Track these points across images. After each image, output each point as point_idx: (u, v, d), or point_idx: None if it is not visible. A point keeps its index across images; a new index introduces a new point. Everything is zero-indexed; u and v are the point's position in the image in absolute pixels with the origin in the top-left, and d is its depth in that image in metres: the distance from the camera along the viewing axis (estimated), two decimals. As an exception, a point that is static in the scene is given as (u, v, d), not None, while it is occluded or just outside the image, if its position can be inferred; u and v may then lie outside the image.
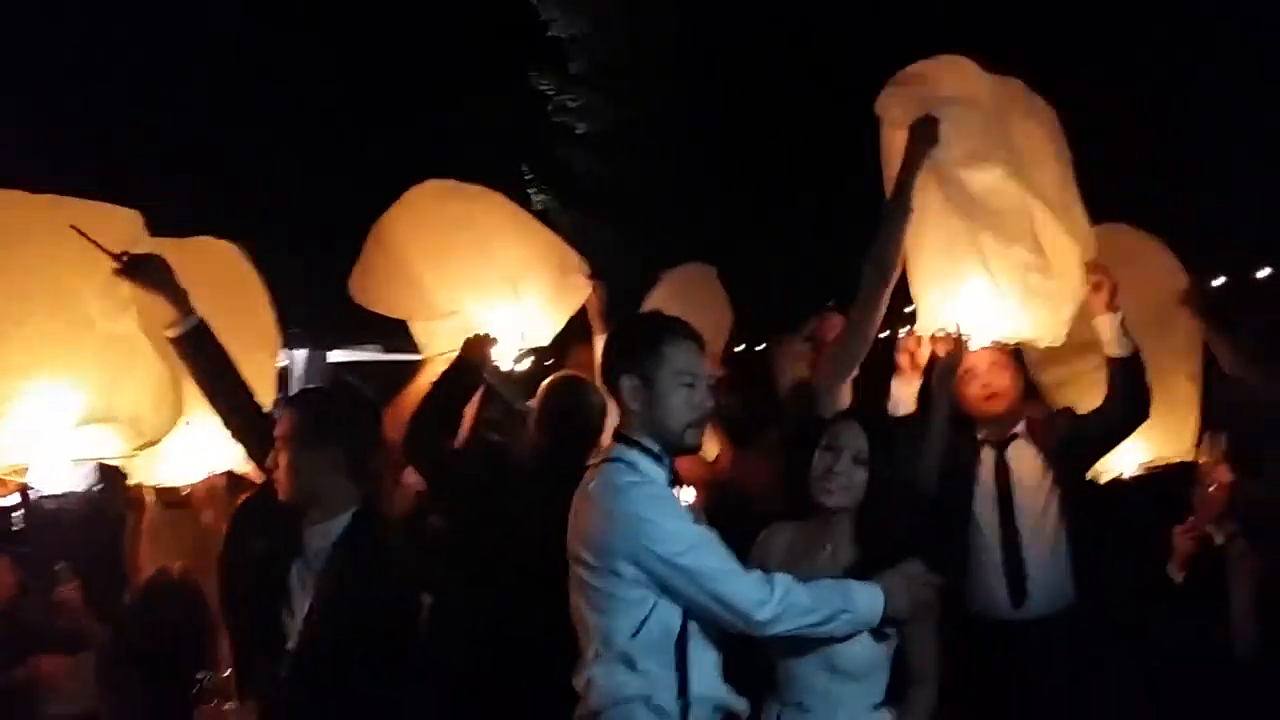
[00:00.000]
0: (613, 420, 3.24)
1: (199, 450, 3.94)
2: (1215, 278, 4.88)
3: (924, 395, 4.02)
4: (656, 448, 2.88)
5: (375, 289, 4.31)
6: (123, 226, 3.49)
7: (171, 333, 3.38)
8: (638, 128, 16.57)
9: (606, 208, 16.39)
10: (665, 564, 2.72)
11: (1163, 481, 4.63)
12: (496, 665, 3.53)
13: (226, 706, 3.61)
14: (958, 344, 3.86)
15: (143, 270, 3.36)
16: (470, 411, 4.20)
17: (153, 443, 3.52)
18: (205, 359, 3.39)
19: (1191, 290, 4.49)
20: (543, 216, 16.77)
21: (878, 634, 2.94)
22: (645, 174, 15.81)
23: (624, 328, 3.15)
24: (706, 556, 2.76)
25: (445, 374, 3.98)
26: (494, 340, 4.05)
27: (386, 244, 4.27)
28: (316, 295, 4.49)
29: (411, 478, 4.37)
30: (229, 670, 3.61)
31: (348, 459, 3.10)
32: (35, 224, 3.36)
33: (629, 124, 16.61)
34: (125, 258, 3.34)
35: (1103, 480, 4.53)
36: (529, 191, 17.11)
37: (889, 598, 2.87)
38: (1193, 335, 4.48)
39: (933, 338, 3.93)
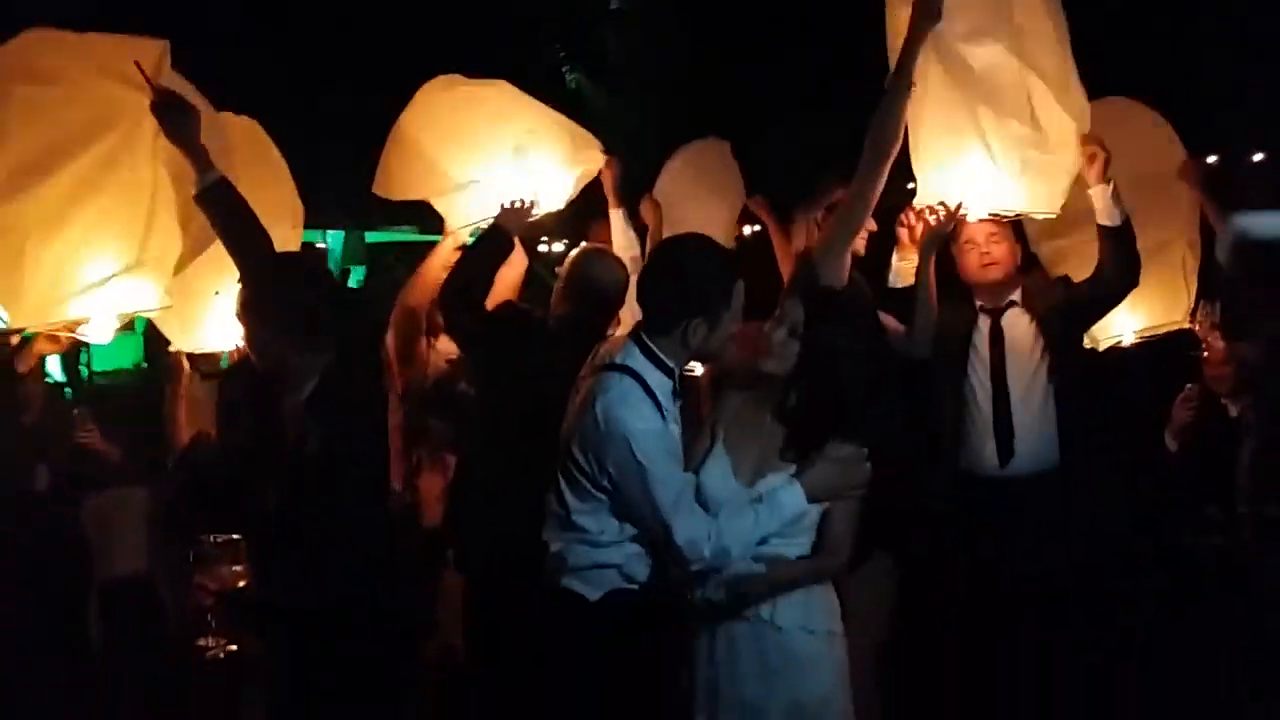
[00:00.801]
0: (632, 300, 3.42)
1: (232, 319, 4.15)
2: (1214, 153, 4.95)
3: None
4: (672, 362, 3.00)
5: (394, 178, 4.51)
6: (150, 57, 3.54)
7: (194, 188, 3.38)
8: (669, 6, 16.33)
9: (638, 85, 16.28)
10: (637, 490, 2.88)
11: (1163, 350, 4.81)
12: (513, 526, 3.58)
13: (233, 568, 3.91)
14: (949, 215, 4.02)
15: (173, 113, 3.38)
16: (511, 276, 4.44)
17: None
18: (228, 215, 3.35)
19: (1189, 163, 4.60)
20: (575, 95, 16.86)
21: None
22: (675, 50, 15.63)
23: (693, 269, 3.03)
24: (678, 500, 2.89)
25: (479, 239, 4.18)
26: (529, 208, 4.22)
27: (401, 137, 4.48)
28: (353, 178, 4.67)
29: (446, 346, 4.63)
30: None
31: (288, 330, 3.17)
32: (64, 67, 3.50)
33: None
34: (162, 92, 3.38)
35: (1101, 348, 4.72)
36: (562, 70, 17.03)
37: (813, 486, 2.96)
38: (1191, 207, 4.60)
39: (925, 209, 4.08)
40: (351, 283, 15.36)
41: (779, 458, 3.01)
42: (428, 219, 4.88)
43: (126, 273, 3.51)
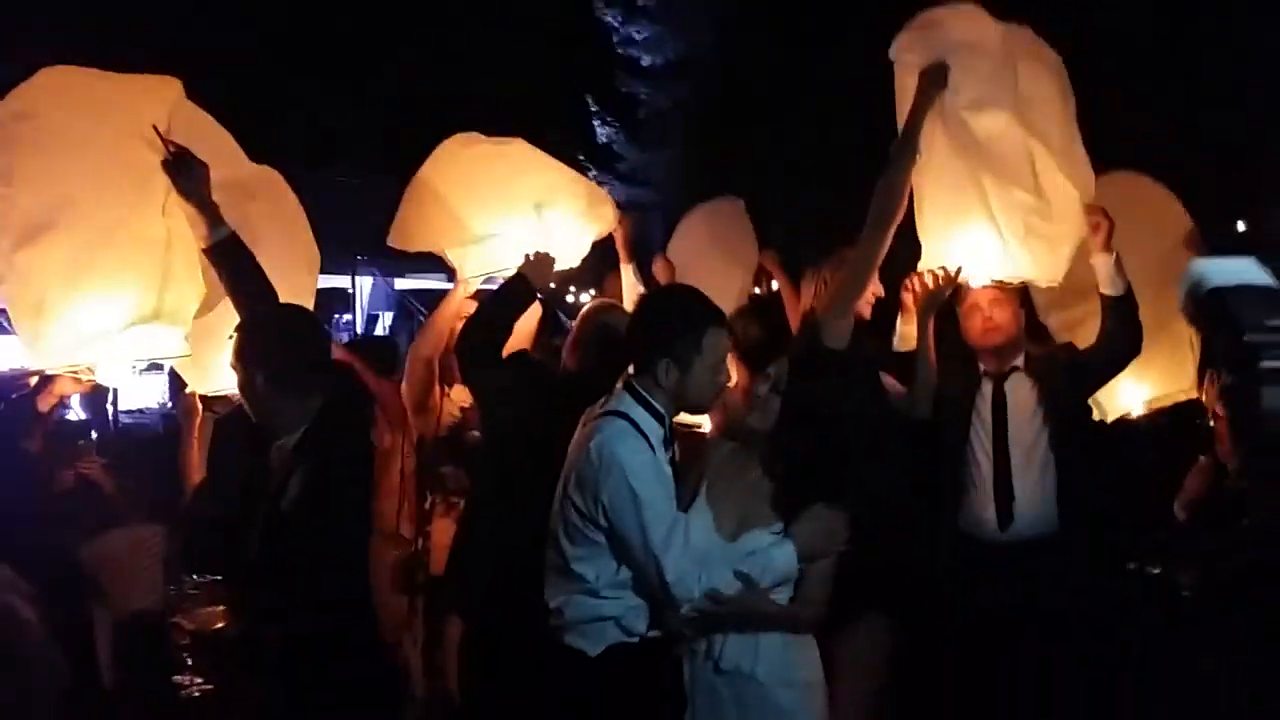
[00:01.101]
0: None
1: None
2: (1220, 223, 5.01)
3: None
4: (661, 408, 3.12)
5: (412, 230, 4.61)
6: (165, 96, 3.64)
7: (202, 243, 3.45)
8: (699, 60, 16.58)
9: (668, 138, 16.51)
10: (631, 521, 2.96)
11: (1177, 420, 4.82)
12: (518, 576, 3.61)
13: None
14: (947, 280, 4.08)
15: (184, 171, 3.45)
16: (526, 326, 4.45)
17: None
18: (234, 270, 3.41)
19: (1194, 234, 4.65)
20: (607, 149, 17.08)
21: None
22: (703, 105, 15.87)
23: (662, 311, 3.26)
24: (671, 535, 2.96)
25: (502, 289, 4.21)
26: (553, 260, 4.27)
27: (420, 191, 4.58)
28: (383, 225, 4.77)
29: (460, 393, 4.67)
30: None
31: (275, 380, 3.20)
32: (80, 116, 3.57)
33: (691, 57, 16.61)
34: (175, 151, 3.46)
35: (1110, 419, 4.74)
36: (594, 124, 17.30)
37: (804, 546, 3.04)
38: (1197, 277, 4.64)
39: (924, 275, 4.14)
40: (379, 328, 15.61)
41: (765, 513, 3.09)
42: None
43: (144, 321, 3.59)
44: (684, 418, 3.78)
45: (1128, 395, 4.64)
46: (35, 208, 3.52)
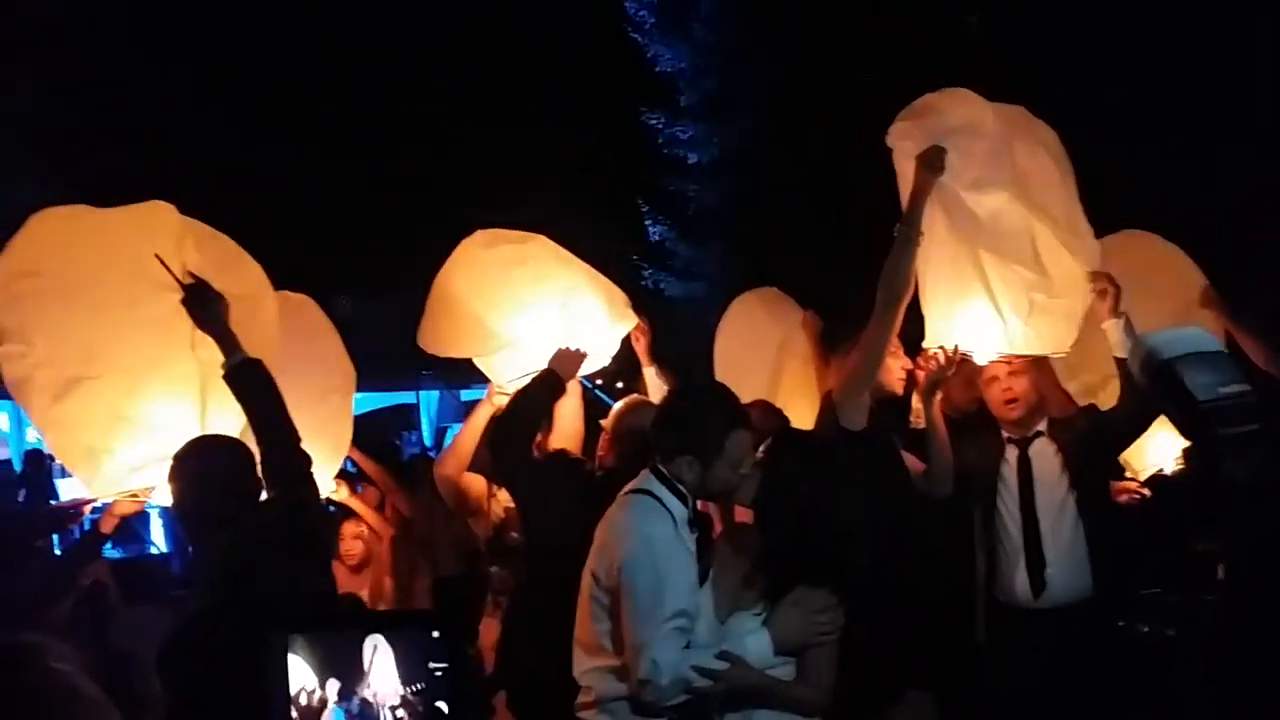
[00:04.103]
0: None
1: None
2: (1233, 275, 5.03)
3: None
4: (685, 490, 3.21)
5: (440, 334, 4.66)
6: (163, 223, 3.67)
7: (220, 369, 3.47)
8: (749, 156, 16.85)
9: (719, 233, 16.75)
10: (646, 588, 3.03)
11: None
12: (561, 675, 3.61)
13: None
14: (948, 360, 4.18)
15: (200, 304, 3.49)
16: (572, 425, 4.55)
17: None
18: (249, 395, 3.45)
19: (1210, 290, 4.70)
20: (659, 246, 17.32)
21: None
22: (751, 198, 16.10)
23: (686, 413, 3.29)
24: (673, 624, 2.99)
25: (530, 384, 4.30)
26: (581, 354, 4.37)
27: (443, 295, 4.63)
28: None
29: (507, 495, 4.68)
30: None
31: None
32: (81, 254, 3.62)
33: (736, 151, 16.90)
34: (191, 287, 3.50)
35: (1143, 477, 4.76)
36: (645, 223, 17.63)
37: (780, 634, 3.06)
38: (1216, 334, 4.66)
39: (924, 355, 4.24)
40: (448, 440, 15.82)
41: (751, 598, 3.13)
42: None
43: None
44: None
45: (1157, 452, 4.66)
46: (62, 362, 3.64)
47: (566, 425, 4.64)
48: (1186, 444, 4.58)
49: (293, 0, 18.22)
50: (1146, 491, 4.84)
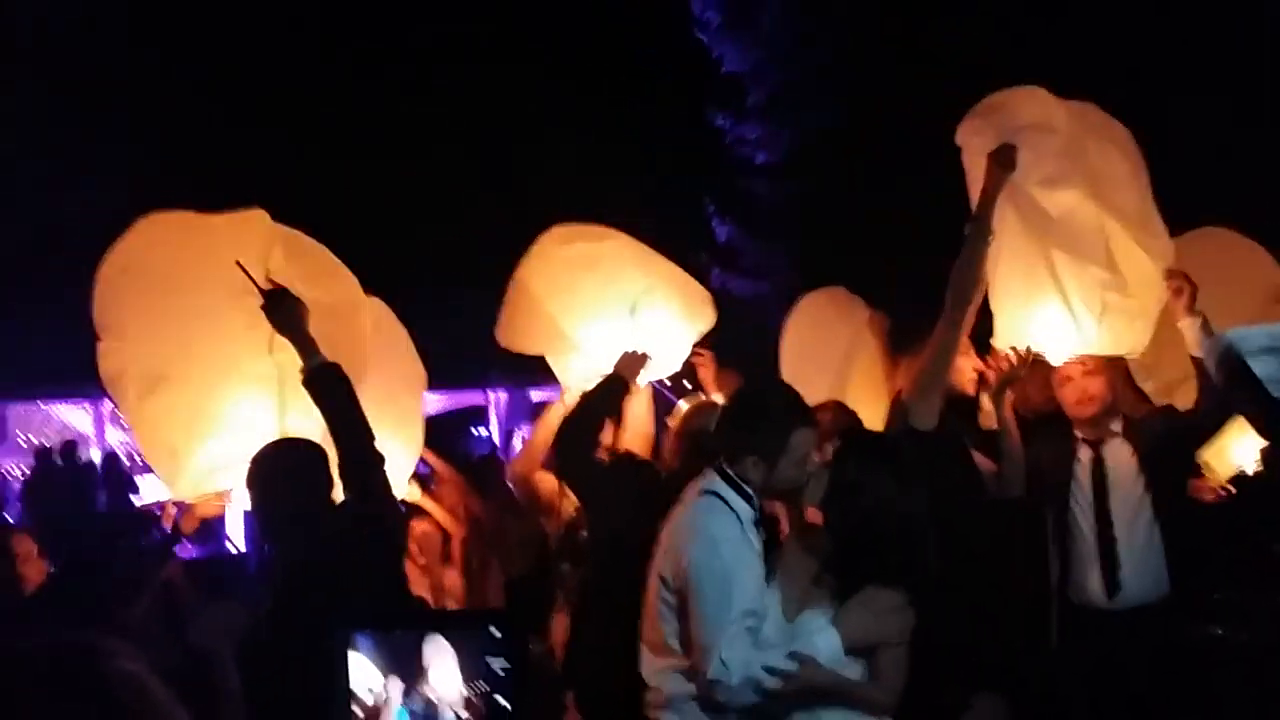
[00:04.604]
0: None
1: None
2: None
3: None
4: (751, 489, 3.22)
5: (516, 330, 4.71)
6: (255, 229, 3.75)
7: (300, 374, 3.49)
8: (816, 155, 16.75)
9: (787, 233, 16.67)
10: (713, 589, 3.04)
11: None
12: (624, 669, 3.59)
13: None
14: (1020, 361, 4.14)
15: (278, 310, 3.51)
16: (643, 426, 4.56)
17: None
18: (327, 399, 3.46)
19: (1289, 286, 4.60)
20: (727, 247, 17.28)
21: None
22: (820, 197, 16.00)
23: (751, 412, 3.31)
24: (741, 622, 3.00)
25: (595, 387, 4.33)
26: (646, 358, 4.39)
27: (520, 291, 4.67)
28: None
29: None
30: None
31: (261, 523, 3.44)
32: (179, 256, 3.73)
33: (806, 152, 16.80)
34: (269, 293, 3.52)
35: (1224, 479, 4.68)
36: (713, 224, 17.60)
37: (849, 634, 3.02)
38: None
39: (995, 354, 4.20)
40: (516, 440, 15.96)
41: (820, 596, 3.12)
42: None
43: None
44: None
45: (1238, 453, 4.58)
46: (151, 359, 3.75)
47: (638, 426, 4.66)
48: (1265, 444, 4.56)
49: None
50: (1233, 489, 4.75)
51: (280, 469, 3.41)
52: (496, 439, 15.84)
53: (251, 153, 15.75)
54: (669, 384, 4.96)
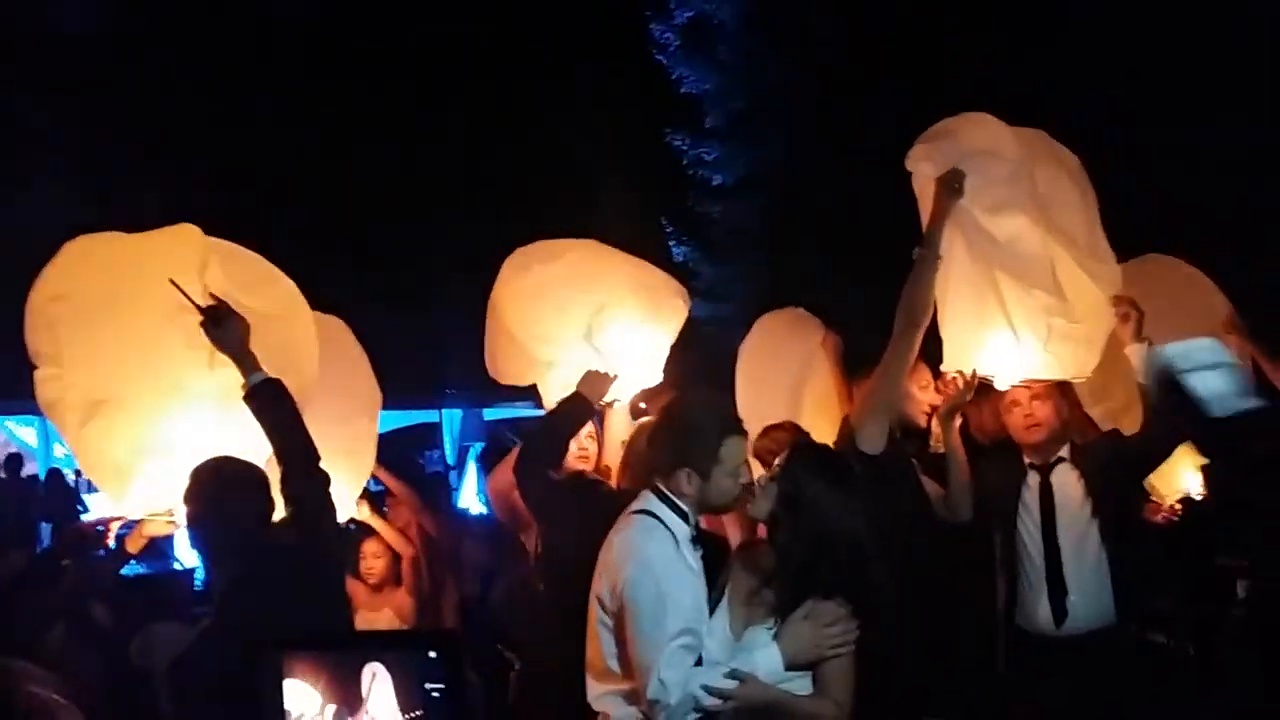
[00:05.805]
0: None
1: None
2: (1257, 299, 5.00)
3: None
4: (686, 507, 3.20)
5: (499, 363, 4.70)
6: (187, 245, 3.69)
7: (240, 390, 3.49)
8: (774, 176, 16.85)
9: (744, 254, 16.74)
10: (648, 608, 3.01)
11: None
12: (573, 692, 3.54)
13: None
14: (966, 385, 4.16)
15: (218, 326, 3.50)
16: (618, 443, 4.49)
17: None
18: (269, 415, 3.46)
19: (1234, 315, 4.66)
20: (684, 268, 17.31)
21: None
22: (776, 219, 16.09)
23: (680, 424, 3.26)
24: (680, 640, 2.97)
25: (556, 407, 4.32)
26: (609, 377, 4.36)
27: (492, 321, 4.66)
28: (470, 357, 4.87)
29: None
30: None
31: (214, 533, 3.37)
32: (111, 278, 3.68)
33: (764, 173, 16.89)
34: (208, 309, 3.50)
35: (1169, 503, 4.72)
36: (670, 244, 17.63)
37: (790, 647, 3.01)
38: (1242, 358, 4.62)
39: (943, 378, 4.22)
40: (471, 458, 15.90)
41: (764, 612, 3.10)
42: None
43: None
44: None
45: (1184, 477, 4.63)
46: (91, 384, 3.70)
47: (616, 443, 4.63)
48: (1206, 463, 4.62)
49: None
50: (1179, 509, 4.80)
51: (215, 485, 3.37)
52: (451, 458, 15.76)
53: (198, 174, 15.63)
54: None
